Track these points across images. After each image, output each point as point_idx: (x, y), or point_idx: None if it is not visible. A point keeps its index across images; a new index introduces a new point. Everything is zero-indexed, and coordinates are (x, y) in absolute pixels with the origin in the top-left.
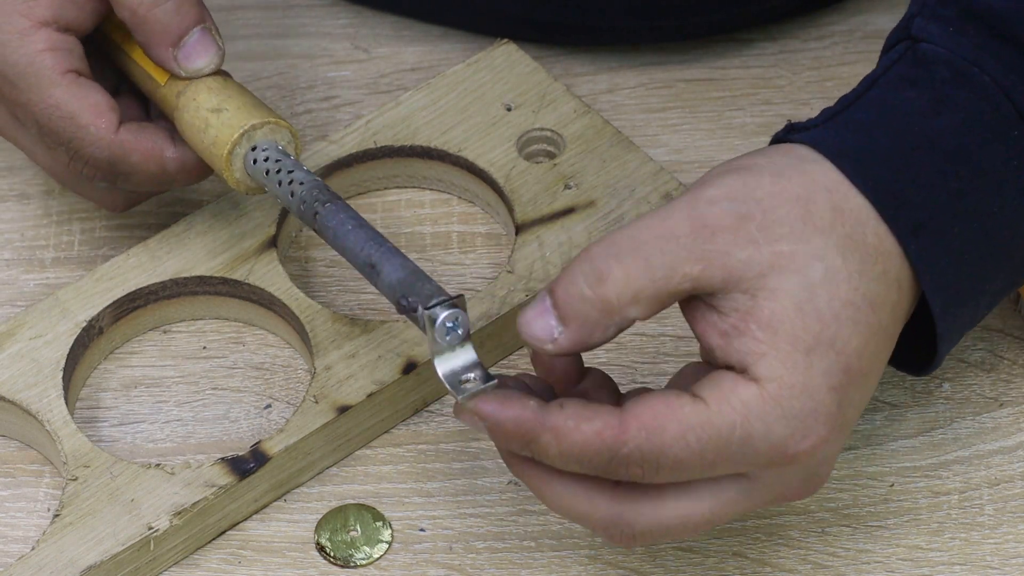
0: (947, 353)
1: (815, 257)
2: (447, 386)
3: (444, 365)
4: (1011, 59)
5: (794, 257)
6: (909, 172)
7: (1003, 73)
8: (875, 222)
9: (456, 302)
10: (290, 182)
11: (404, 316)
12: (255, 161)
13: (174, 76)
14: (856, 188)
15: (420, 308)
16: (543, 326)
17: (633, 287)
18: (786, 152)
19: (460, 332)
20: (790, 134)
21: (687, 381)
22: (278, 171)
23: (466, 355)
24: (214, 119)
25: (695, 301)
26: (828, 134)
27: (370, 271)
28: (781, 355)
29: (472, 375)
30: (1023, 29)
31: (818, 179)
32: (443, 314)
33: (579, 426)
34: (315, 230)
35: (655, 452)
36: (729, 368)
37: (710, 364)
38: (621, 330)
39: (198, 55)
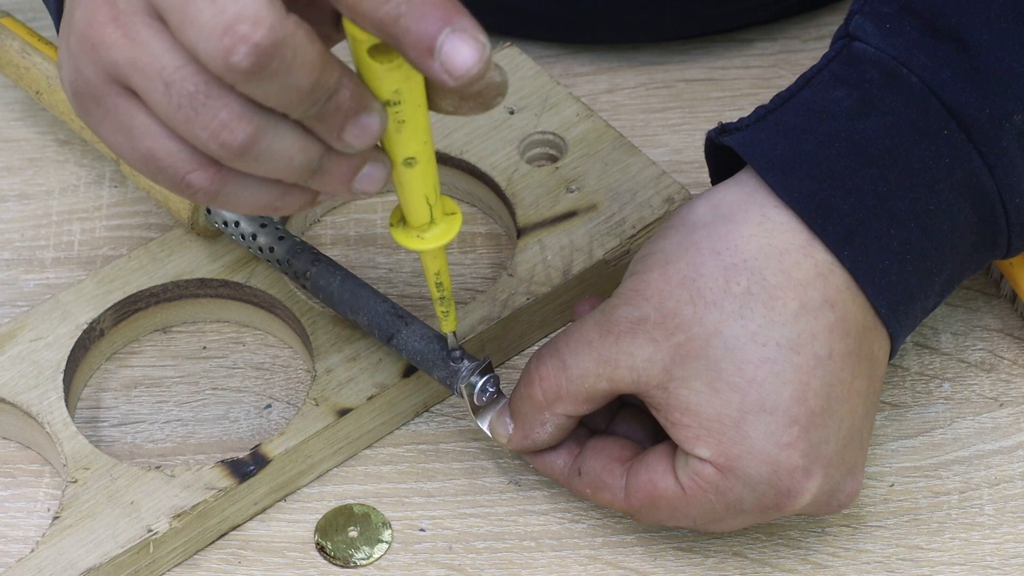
0: (901, 344)
1: (712, 335)
2: (490, 435)
3: (484, 420)
4: (946, 54)
5: (692, 343)
6: (836, 180)
7: (935, 70)
8: (803, 242)
9: (486, 367)
10: (253, 236)
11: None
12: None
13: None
14: (783, 202)
15: (457, 385)
16: (502, 423)
17: (553, 387)
18: (684, 219)
19: (493, 390)
20: (721, 135)
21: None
22: (236, 224)
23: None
24: None
25: (647, 407)
26: (757, 138)
27: (380, 333)
28: (713, 434)
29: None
30: (960, 21)
31: (703, 245)
32: (480, 381)
33: (595, 495)
34: (305, 287)
35: (660, 521)
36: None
37: None
38: (560, 429)
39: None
